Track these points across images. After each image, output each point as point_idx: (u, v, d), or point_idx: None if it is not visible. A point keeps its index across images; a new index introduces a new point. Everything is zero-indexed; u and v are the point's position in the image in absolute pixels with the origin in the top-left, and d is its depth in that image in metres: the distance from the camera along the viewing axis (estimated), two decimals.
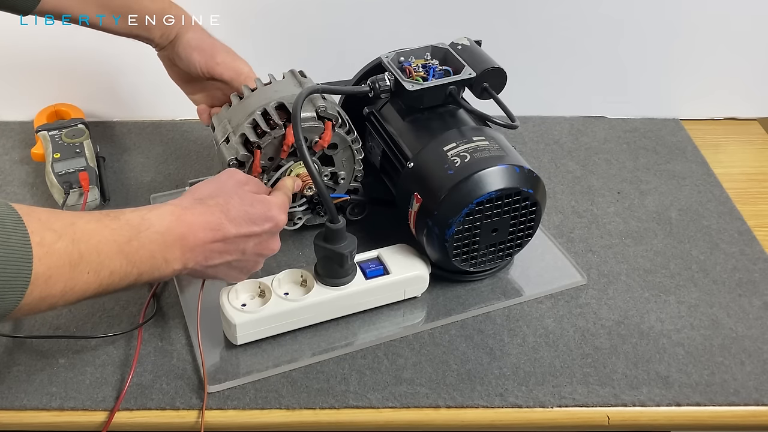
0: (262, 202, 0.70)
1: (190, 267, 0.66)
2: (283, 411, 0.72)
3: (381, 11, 1.07)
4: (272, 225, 0.70)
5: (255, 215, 0.69)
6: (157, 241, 0.63)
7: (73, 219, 0.58)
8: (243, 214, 0.68)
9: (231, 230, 0.67)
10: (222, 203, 0.68)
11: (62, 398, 0.72)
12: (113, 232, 0.60)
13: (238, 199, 0.69)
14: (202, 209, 0.67)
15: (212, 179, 0.72)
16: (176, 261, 0.64)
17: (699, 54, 1.12)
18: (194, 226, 0.65)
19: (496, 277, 0.86)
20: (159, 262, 0.63)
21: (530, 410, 0.73)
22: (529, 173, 0.78)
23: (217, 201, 0.68)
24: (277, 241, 0.73)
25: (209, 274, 0.70)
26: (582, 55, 1.12)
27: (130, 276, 0.61)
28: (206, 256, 0.67)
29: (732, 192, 1.01)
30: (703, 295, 0.85)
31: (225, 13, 1.03)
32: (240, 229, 0.68)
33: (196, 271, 0.68)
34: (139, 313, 0.81)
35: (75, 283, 0.57)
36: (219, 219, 0.67)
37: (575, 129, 1.14)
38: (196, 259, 0.66)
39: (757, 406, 0.74)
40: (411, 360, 0.77)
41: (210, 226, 0.66)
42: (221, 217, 0.67)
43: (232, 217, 0.67)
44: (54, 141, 0.99)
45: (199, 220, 0.66)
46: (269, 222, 0.70)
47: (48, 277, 0.55)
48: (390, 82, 0.83)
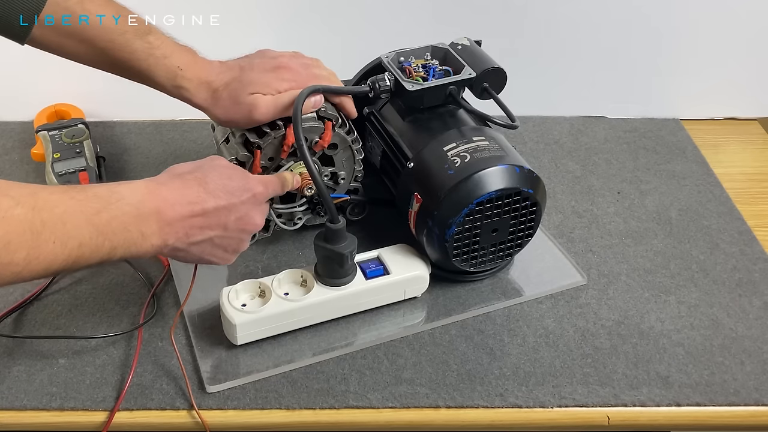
0: (241, 174, 0.70)
1: (171, 244, 0.65)
2: (283, 411, 0.72)
3: (381, 11, 1.07)
4: (251, 195, 0.69)
5: (233, 187, 0.68)
6: (130, 213, 0.62)
7: (34, 189, 0.58)
8: (221, 187, 0.68)
9: (210, 203, 0.66)
10: (200, 177, 0.67)
11: (62, 398, 0.72)
12: (79, 203, 0.59)
13: (215, 172, 0.68)
14: (179, 183, 0.66)
15: (192, 162, 0.71)
16: (154, 235, 0.63)
17: (699, 54, 1.12)
18: (170, 199, 0.64)
19: (496, 277, 0.86)
20: (135, 235, 0.62)
21: (530, 410, 0.73)
22: (529, 173, 0.78)
23: (195, 175, 0.68)
24: (259, 214, 0.72)
25: (194, 253, 0.68)
26: (582, 55, 1.12)
27: (103, 249, 0.60)
28: (186, 232, 0.66)
29: (732, 192, 1.01)
30: (703, 295, 0.85)
31: (225, 13, 1.03)
32: (219, 201, 0.67)
33: (178, 250, 0.67)
34: (139, 313, 0.81)
35: (39, 252, 0.56)
36: (197, 192, 0.66)
37: (575, 129, 1.14)
38: (176, 234, 0.65)
39: (757, 406, 0.74)
40: (411, 360, 0.77)
41: (187, 199, 0.65)
42: (199, 191, 0.66)
43: (210, 190, 0.67)
44: (54, 141, 0.99)
45: (175, 194, 0.65)
46: (248, 192, 0.69)
47: (7, 242, 0.54)
48: (390, 82, 0.83)
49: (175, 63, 0.79)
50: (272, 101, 0.78)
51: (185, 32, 0.83)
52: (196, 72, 0.79)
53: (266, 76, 0.78)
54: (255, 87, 0.77)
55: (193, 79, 0.79)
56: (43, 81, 1.08)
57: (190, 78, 0.79)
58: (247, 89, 0.78)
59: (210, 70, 0.80)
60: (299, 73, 0.80)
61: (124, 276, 0.85)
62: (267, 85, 0.78)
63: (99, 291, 0.83)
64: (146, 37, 0.78)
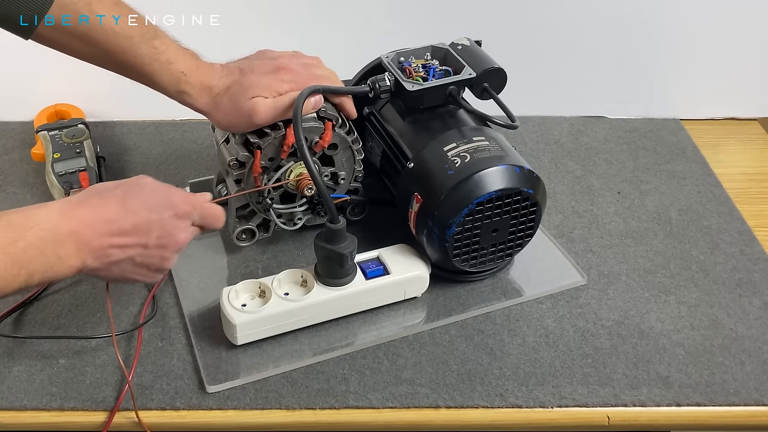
0: (164, 191, 0.68)
1: (90, 264, 0.64)
2: (283, 411, 0.72)
3: (381, 11, 1.07)
4: (172, 213, 0.67)
5: (153, 204, 0.66)
6: (46, 238, 0.60)
7: None
8: (140, 203, 0.65)
9: (128, 220, 0.64)
10: (119, 194, 0.65)
11: (62, 398, 0.72)
12: None
13: (137, 189, 0.66)
14: (97, 201, 0.64)
15: (117, 180, 0.69)
16: (72, 257, 0.62)
17: (699, 54, 1.12)
18: (87, 219, 0.63)
19: (496, 277, 0.86)
20: (51, 259, 0.61)
21: (530, 410, 0.73)
22: (529, 173, 0.78)
23: (114, 192, 0.65)
24: (182, 232, 0.69)
25: (114, 272, 0.66)
26: (582, 55, 1.12)
27: (19, 278, 0.59)
28: (105, 252, 0.64)
29: (732, 192, 1.01)
30: (703, 295, 0.85)
31: (225, 13, 1.03)
32: (137, 219, 0.65)
33: (98, 270, 0.65)
34: (139, 314, 0.81)
35: None
36: (115, 210, 0.64)
37: (575, 129, 1.14)
38: (94, 254, 0.63)
39: (757, 406, 0.74)
40: (411, 360, 0.77)
41: (105, 217, 0.63)
42: (117, 208, 0.64)
43: (128, 207, 0.64)
44: (54, 141, 0.99)
45: (92, 212, 0.63)
46: (169, 210, 0.67)
47: None
48: (390, 83, 0.83)
49: (180, 68, 0.78)
50: (271, 104, 0.77)
51: (185, 32, 0.83)
52: (198, 77, 0.79)
53: (266, 78, 0.78)
54: (255, 90, 0.77)
55: (195, 84, 0.79)
56: (43, 81, 1.08)
57: (193, 84, 0.79)
58: (247, 93, 0.77)
59: (212, 74, 0.80)
60: (299, 74, 0.80)
61: None
62: (267, 87, 0.78)
63: (99, 291, 0.83)
64: (152, 42, 0.77)
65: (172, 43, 0.79)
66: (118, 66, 0.79)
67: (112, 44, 0.76)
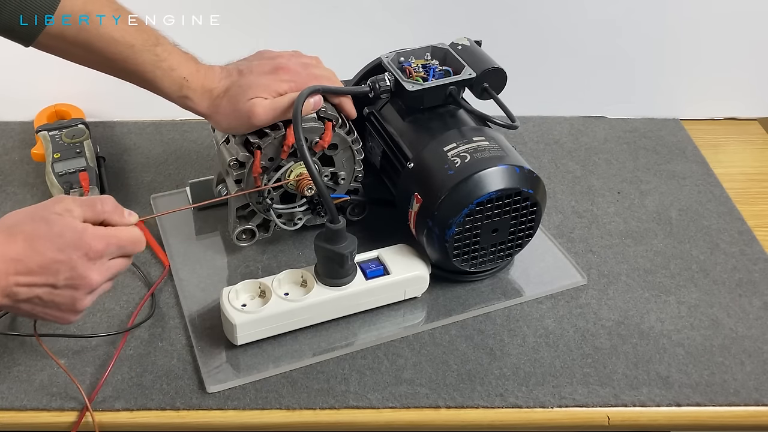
0: (74, 228, 0.63)
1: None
2: (283, 411, 0.72)
3: (381, 11, 1.07)
4: (82, 253, 0.62)
5: (63, 243, 0.62)
6: None
7: None
8: (48, 243, 0.62)
9: (34, 260, 0.61)
10: (28, 231, 0.62)
11: (62, 398, 0.72)
12: None
13: (46, 226, 0.62)
14: (4, 238, 0.61)
15: (32, 206, 0.65)
16: None
17: (699, 54, 1.12)
18: None
19: (496, 277, 0.86)
20: None
21: (530, 410, 0.73)
22: (529, 173, 0.78)
23: (23, 229, 0.62)
24: (95, 272, 0.64)
25: (25, 310, 0.64)
26: (582, 55, 1.12)
27: None
28: (12, 290, 0.61)
29: (732, 192, 1.01)
30: (703, 296, 0.85)
31: (225, 13, 1.03)
32: (44, 259, 0.61)
33: (8, 307, 0.63)
34: (138, 313, 0.80)
35: None
36: (22, 248, 0.61)
37: (575, 129, 1.14)
38: (3, 292, 0.61)
39: (757, 406, 0.74)
40: (411, 360, 0.77)
41: (11, 256, 0.61)
42: (24, 247, 0.61)
43: (35, 247, 0.61)
44: (54, 141, 0.99)
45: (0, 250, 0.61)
46: (79, 250, 0.62)
47: None
48: (390, 83, 0.83)
49: (182, 74, 0.78)
50: (270, 105, 0.77)
51: (185, 32, 0.83)
52: (199, 81, 0.79)
53: (265, 79, 0.78)
54: (254, 91, 0.77)
55: (197, 89, 0.79)
56: (43, 81, 1.08)
57: (194, 88, 0.79)
58: (246, 94, 0.77)
59: (212, 77, 0.80)
60: (298, 74, 0.80)
61: (124, 276, 0.85)
62: (266, 87, 0.78)
63: None
64: (154, 49, 0.77)
65: (173, 48, 0.79)
66: (120, 73, 0.79)
67: (114, 53, 0.76)
